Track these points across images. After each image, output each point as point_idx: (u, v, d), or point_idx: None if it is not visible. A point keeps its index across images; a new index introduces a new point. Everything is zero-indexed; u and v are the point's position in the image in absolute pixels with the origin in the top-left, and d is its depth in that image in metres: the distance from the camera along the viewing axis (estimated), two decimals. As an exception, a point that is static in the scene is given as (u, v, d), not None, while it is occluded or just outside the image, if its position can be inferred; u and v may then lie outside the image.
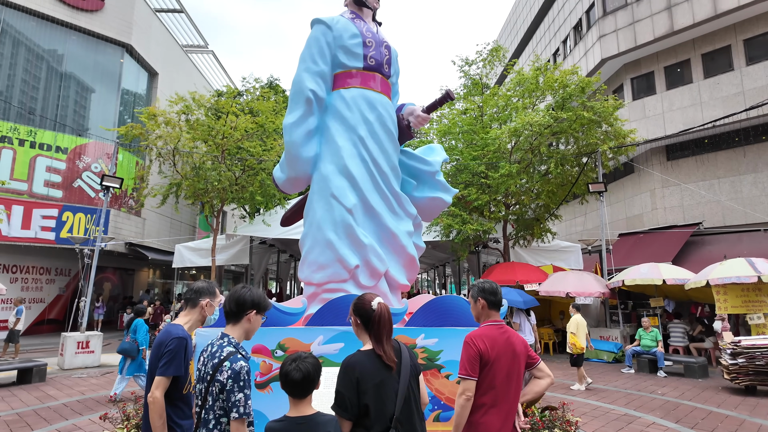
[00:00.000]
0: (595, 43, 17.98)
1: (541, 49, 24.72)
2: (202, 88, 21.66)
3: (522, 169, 12.68)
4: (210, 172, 12.74)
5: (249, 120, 13.81)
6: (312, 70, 4.29)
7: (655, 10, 16.15)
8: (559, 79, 12.86)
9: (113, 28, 16.94)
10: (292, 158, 4.30)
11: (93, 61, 16.90)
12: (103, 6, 16.72)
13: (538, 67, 13.75)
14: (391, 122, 4.52)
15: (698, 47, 15.69)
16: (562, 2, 22.01)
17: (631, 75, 17.39)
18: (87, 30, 16.46)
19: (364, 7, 4.63)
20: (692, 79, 15.75)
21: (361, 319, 2.05)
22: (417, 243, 4.58)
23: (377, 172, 4.33)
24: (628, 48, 16.67)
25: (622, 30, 16.93)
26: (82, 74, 16.72)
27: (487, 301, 2.41)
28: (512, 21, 30.59)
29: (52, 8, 15.71)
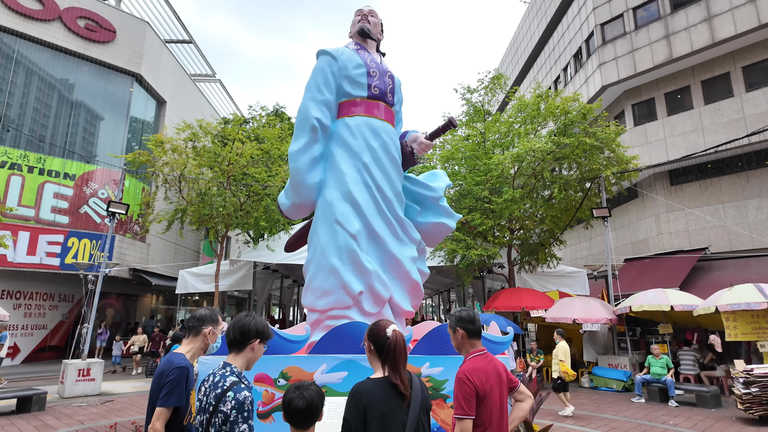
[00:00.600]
0: (595, 70, 18.27)
1: (542, 76, 25.13)
2: (209, 115, 22.05)
3: (525, 194, 12.69)
4: (215, 198, 12.82)
5: (255, 147, 13.98)
6: (317, 99, 4.36)
7: (654, 38, 16.47)
8: (561, 106, 13.01)
9: (124, 58, 17.40)
10: (297, 184, 4.33)
11: (103, 89, 17.30)
12: (114, 38, 17.23)
13: (539, 94, 13.93)
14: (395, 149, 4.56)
15: (697, 74, 15.91)
16: (561, 31, 22.49)
17: (631, 101, 17.58)
18: (98, 60, 16.91)
19: (368, 38, 4.74)
20: (693, 105, 15.91)
21: (375, 345, 2.02)
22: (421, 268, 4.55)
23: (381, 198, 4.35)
24: (628, 75, 16.91)
25: (622, 58, 17.22)
26: (92, 102, 17.09)
27: (466, 330, 2.38)
28: (513, 50, 31.22)
29: (66, 40, 16.20)
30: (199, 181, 13.46)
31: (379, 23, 4.84)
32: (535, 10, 26.68)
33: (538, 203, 13.07)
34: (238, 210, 13.34)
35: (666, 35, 16.17)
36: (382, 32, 4.87)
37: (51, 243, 14.55)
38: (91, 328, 10.91)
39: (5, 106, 15.03)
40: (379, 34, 4.82)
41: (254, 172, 13.78)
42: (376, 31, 4.80)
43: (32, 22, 15.55)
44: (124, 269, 15.64)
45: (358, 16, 4.82)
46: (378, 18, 4.85)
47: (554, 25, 23.78)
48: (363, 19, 4.78)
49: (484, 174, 13.38)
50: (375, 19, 4.82)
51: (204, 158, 13.52)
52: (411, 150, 4.75)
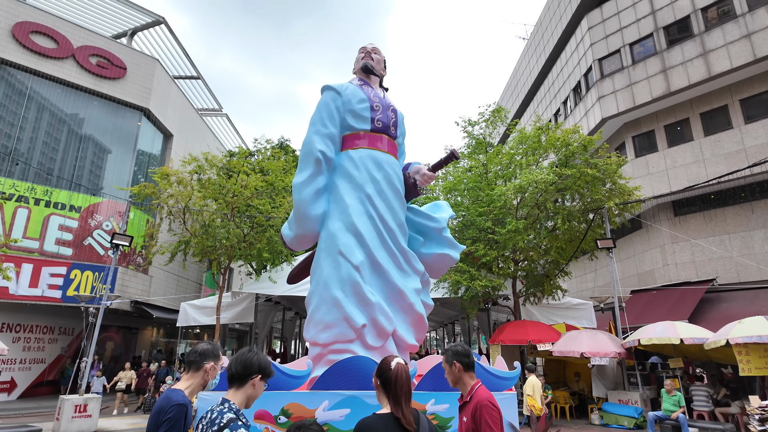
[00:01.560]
0: (594, 103, 18.58)
1: (542, 109, 25.56)
2: (215, 149, 22.40)
3: (529, 225, 12.66)
4: (219, 230, 12.86)
5: (259, 179, 14.13)
6: (322, 133, 4.43)
7: (651, 72, 16.82)
8: (561, 138, 13.16)
9: (133, 94, 17.86)
10: (300, 216, 4.34)
11: (112, 124, 17.68)
12: (125, 74, 17.74)
13: (540, 127, 14.12)
14: (398, 180, 4.59)
15: (696, 107, 16.14)
16: (560, 67, 23.03)
17: (632, 133, 17.79)
18: (108, 96, 17.36)
19: (372, 74, 4.86)
20: (692, 137, 16.06)
21: (381, 380, 2.00)
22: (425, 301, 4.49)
23: (384, 229, 4.34)
24: (627, 108, 17.18)
25: (621, 91, 17.54)
26: (101, 136, 17.43)
27: (462, 363, 2.41)
28: (513, 84, 31.90)
29: (78, 77, 16.69)
30: (203, 212, 13.54)
31: (382, 60, 4.97)
32: (534, 46, 27.43)
33: (541, 234, 13.02)
34: (241, 241, 13.34)
35: (663, 69, 16.51)
36: (385, 68, 4.99)
37: (54, 275, 14.52)
38: (90, 362, 10.73)
39: (16, 140, 15.34)
40: (382, 70, 4.94)
41: (258, 204, 13.86)
42: (379, 68, 4.92)
43: (46, 60, 16.07)
44: (125, 301, 15.52)
45: (361, 53, 4.95)
46: (381, 55, 4.98)
47: (553, 61, 24.38)
48: (367, 56, 4.91)
49: (487, 205, 13.40)
50: (378, 56, 4.95)
51: (209, 190, 13.63)
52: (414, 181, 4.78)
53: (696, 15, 16.12)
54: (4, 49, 15.36)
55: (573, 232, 13.27)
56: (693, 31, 16.09)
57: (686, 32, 16.35)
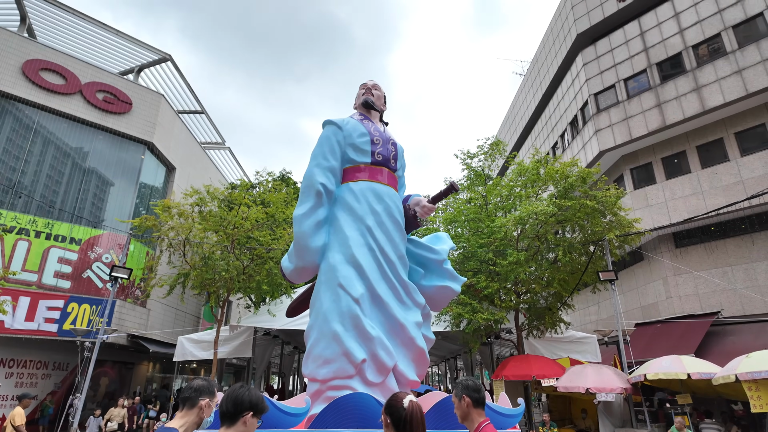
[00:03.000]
0: (592, 136, 18.87)
1: (540, 142, 25.94)
2: (217, 181, 22.60)
3: (530, 256, 12.61)
4: (218, 262, 12.81)
5: (260, 210, 14.19)
6: (323, 166, 4.48)
7: (646, 107, 17.16)
8: (560, 170, 13.30)
9: (138, 128, 18.19)
10: (300, 248, 4.34)
11: (116, 157, 17.92)
12: (130, 109, 18.13)
13: (538, 160, 14.30)
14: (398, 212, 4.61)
15: (692, 140, 16.38)
16: (557, 101, 23.54)
17: (630, 165, 17.98)
18: (113, 130, 17.67)
19: (372, 109, 4.96)
20: (690, 169, 16.22)
21: (392, 418, 1.93)
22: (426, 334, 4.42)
23: (385, 261, 4.33)
24: (624, 141, 17.43)
25: (617, 125, 17.85)
26: (104, 169, 17.63)
27: (472, 399, 2.35)
28: (511, 118, 32.52)
29: (85, 112, 17.05)
30: (203, 245, 13.52)
31: (382, 96, 5.10)
32: (531, 81, 28.12)
33: (543, 266, 12.95)
34: (240, 273, 13.26)
35: (658, 104, 16.86)
36: (384, 104, 5.10)
37: (50, 308, 14.34)
38: (83, 398, 10.46)
39: (20, 173, 15.51)
40: (382, 105, 5.05)
41: (258, 236, 13.86)
42: (379, 103, 5.03)
43: (54, 95, 16.45)
44: (122, 335, 15.27)
45: (362, 89, 5.08)
46: (381, 91, 5.11)
47: (549, 95, 24.94)
48: (367, 92, 5.03)
49: (488, 236, 13.40)
50: (378, 92, 5.07)
51: (209, 222, 13.66)
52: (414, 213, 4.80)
53: (687, 52, 16.60)
54: (14, 85, 15.76)
55: (574, 264, 13.20)
56: (685, 67, 16.52)
57: (679, 68, 16.80)
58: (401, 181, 5.02)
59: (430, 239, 4.97)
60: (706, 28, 16.22)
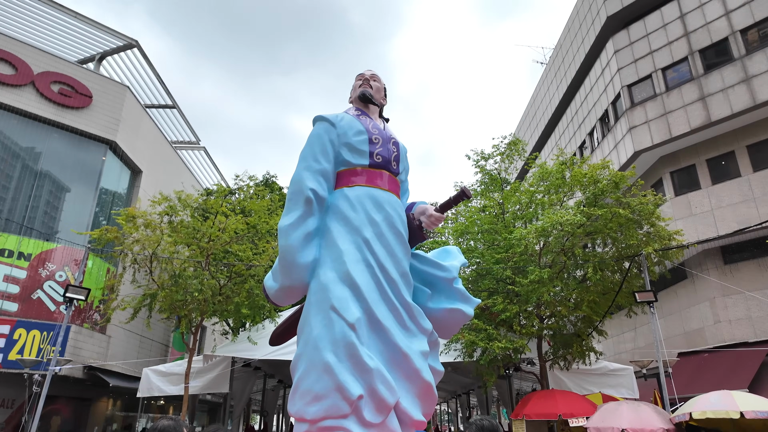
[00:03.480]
0: (625, 135, 18.96)
1: (565, 141, 26.06)
2: (191, 186, 22.67)
3: (554, 274, 12.61)
4: (191, 281, 12.81)
5: (240, 221, 14.21)
6: (313, 168, 4.49)
7: (688, 100, 17.27)
8: (589, 174, 13.33)
9: (99, 125, 18.27)
10: (287, 264, 4.33)
11: (73, 158, 17.97)
12: (90, 103, 18.23)
13: (563, 162, 14.34)
14: (401, 223, 4.61)
15: (742, 138, 16.45)
16: (584, 93, 23.68)
17: (669, 168, 18.04)
18: (71, 127, 17.75)
19: (370, 103, 4.99)
20: (740, 172, 16.27)
21: None
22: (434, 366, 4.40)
23: (385, 280, 4.32)
24: (663, 140, 17.51)
25: (654, 121, 17.94)
26: (59, 173, 17.67)
27: None
28: (531, 113, 32.69)
29: (37, 106, 17.13)
30: (173, 260, 13.51)
31: (382, 88, 5.12)
32: (554, 71, 28.33)
33: (570, 285, 12.95)
34: (216, 294, 13.24)
35: (701, 97, 16.96)
36: (385, 97, 5.12)
37: (-6, 335, 14.29)
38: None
39: (-39, 177, 15.57)
40: (382, 98, 5.07)
41: (237, 250, 13.86)
42: (378, 96, 5.05)
43: (1, 87, 16.55)
44: (78, 367, 15.20)
45: (359, 80, 5.10)
46: (381, 82, 5.14)
47: (576, 87, 25.11)
48: (365, 83, 5.05)
49: (505, 250, 13.40)
50: (377, 83, 5.10)
51: (181, 234, 13.67)
52: (419, 224, 4.80)
53: (735, 37, 16.74)
54: (-44, 75, 15.89)
55: (606, 283, 13.18)
56: (733, 55, 16.65)
57: (725, 56, 16.93)
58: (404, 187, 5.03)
59: (437, 254, 4.97)
60: (756, 10, 16.38)
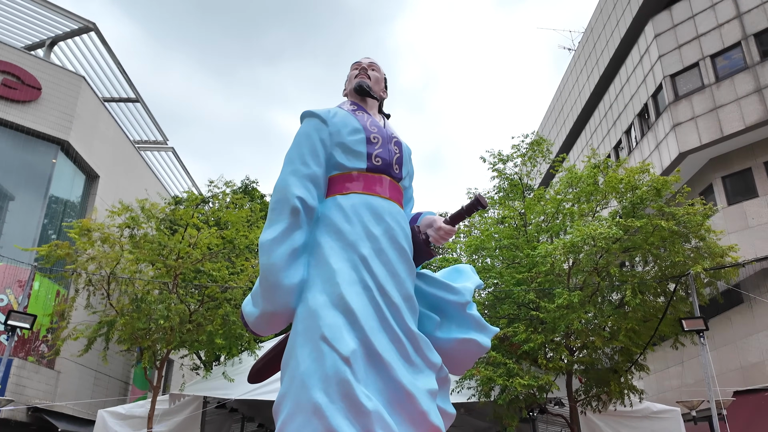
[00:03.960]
0: (668, 133, 19.03)
1: (597, 140, 26.15)
2: (156, 194, 22.73)
3: (586, 297, 12.60)
4: (155, 306, 12.80)
5: (214, 234, 14.23)
6: (301, 173, 4.50)
7: (741, 93, 17.36)
8: (626, 179, 13.37)
9: (49, 122, 18.35)
10: (269, 286, 4.33)
11: (17, 161, 18.02)
12: (39, 96, 18.32)
13: (595, 164, 14.38)
14: (404, 237, 4.61)
15: (805, 137, 16.53)
16: (620, 85, 23.82)
17: (721, 173, 18.09)
18: (15, 125, 17.83)
19: (368, 97, 5.01)
20: (804, 177, 16.32)
21: None
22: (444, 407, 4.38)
23: (385, 305, 4.32)
24: (713, 139, 17.57)
25: (703, 117, 18.01)
26: (1, 178, 17.71)
27: None
28: (557, 108, 32.85)
29: (-24, 99, 17.25)
30: (135, 282, 13.51)
31: (382, 78, 5.14)
32: (584, 59, 28.52)
33: (605, 311, 12.93)
34: (185, 321, 13.23)
35: (758, 88, 17.06)
36: (386, 89, 5.14)
37: None
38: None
39: None
40: (382, 91, 5.08)
41: (211, 269, 13.88)
42: (378, 88, 5.06)
43: (-64, 77, 16.68)
44: (21, 408, 15.14)
45: (354, 69, 5.12)
46: (381, 72, 5.15)
47: (610, 78, 25.25)
48: (361, 73, 5.06)
49: (528, 270, 13.40)
50: (377, 73, 5.11)
51: (144, 251, 13.68)
52: (426, 238, 4.80)
53: (796, 19, 16.88)
54: None
55: (648, 309, 13.16)
56: (793, 40, 16.77)
57: (784, 41, 17.05)
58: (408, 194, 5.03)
59: (448, 274, 4.97)
60: (820, -13, 16.54)
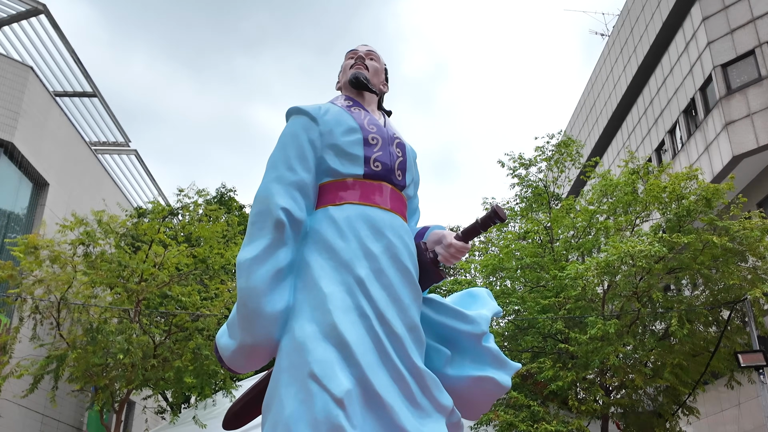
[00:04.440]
0: (719, 133, 19.05)
1: (635, 142, 26.18)
2: (116, 205, 22.74)
3: (625, 327, 12.57)
4: (114, 337, 12.77)
5: (184, 252, 14.22)
6: (286, 180, 4.49)
7: (805, 85, 17.41)
8: (670, 187, 13.37)
9: (-10, 119, 18.41)
10: (249, 314, 4.31)
11: (-47, 166, 18.06)
12: (-21, 90, 18.39)
13: (633, 170, 14.38)
14: (408, 255, 4.60)
15: None
16: (661, 77, 23.88)
17: (781, 179, 18.09)
18: (-49, 123, 17.90)
19: (366, 90, 5.00)
20: None
21: None
22: (455, 459, 4.36)
23: (386, 336, 4.29)
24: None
25: (760, 114, 18.04)
26: (-66, 186, 17.74)
27: None
28: (587, 104, 32.92)
29: None
30: (90, 309, 13.48)
31: (383, 69, 5.13)
32: (619, 45, 28.63)
33: (646, 343, 12.89)
34: (149, 356, 13.20)
35: (824, 80, 17.10)
36: (386, 82, 5.14)
37: None
38: None
39: None
40: (382, 84, 5.08)
41: (180, 294, 13.86)
42: (377, 80, 5.06)
43: None
44: (-48, 459, 15.07)
45: (350, 58, 5.11)
46: (380, 62, 5.15)
47: (650, 68, 25.31)
48: (358, 62, 5.07)
49: (555, 294, 13.37)
50: (376, 63, 5.11)
51: (101, 272, 13.67)
52: (434, 257, 4.78)
53: None
54: None
55: (697, 341, 13.13)
56: None
57: None
58: (413, 205, 5.02)
59: (460, 299, 4.95)
60: None
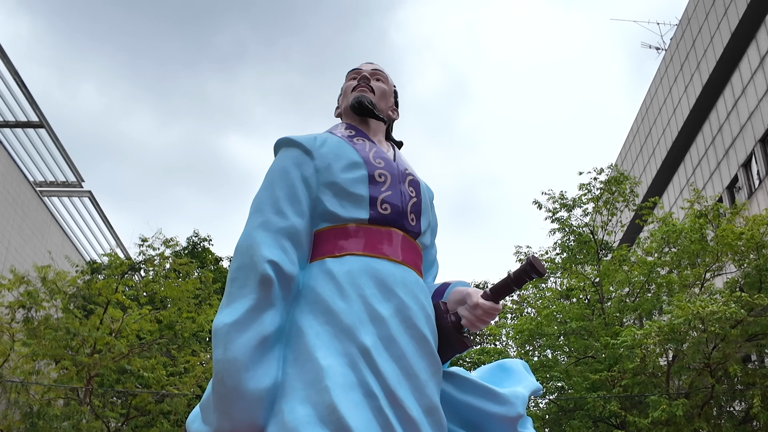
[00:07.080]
0: (804, 166, 19.10)
1: (701, 179, 26.23)
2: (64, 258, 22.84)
3: (696, 409, 12.50)
4: (59, 423, 12.74)
5: (147, 316, 14.24)
6: (274, 227, 4.50)
7: None
8: (747, 233, 13.38)
9: None
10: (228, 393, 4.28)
11: None
12: None
13: (701, 212, 14.39)
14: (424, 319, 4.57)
15: None
16: (731, 98, 24.05)
17: None
18: None
19: (372, 117, 5.02)
20: None
21: None
22: None
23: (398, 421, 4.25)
24: None
25: None
26: None
27: None
28: (642, 132, 33.11)
29: None
30: (29, 387, 13.47)
31: (391, 92, 5.16)
32: (678, 61, 28.92)
33: (723, 428, 12.78)
34: (104, 447, 13.15)
35: None
36: (396, 107, 5.17)
37: None
38: None
39: None
40: (390, 109, 5.11)
41: (141, 368, 13.83)
42: (384, 105, 5.09)
43: None
44: None
45: (352, 79, 5.15)
46: (388, 83, 5.17)
47: (717, 88, 25.51)
48: (362, 84, 5.13)
49: (607, 367, 13.30)
50: (383, 84, 5.14)
51: (45, 342, 13.68)
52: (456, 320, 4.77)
53: None
54: None
55: (786, 425, 13.00)
56: None
57: None
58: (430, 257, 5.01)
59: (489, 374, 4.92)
60: None
